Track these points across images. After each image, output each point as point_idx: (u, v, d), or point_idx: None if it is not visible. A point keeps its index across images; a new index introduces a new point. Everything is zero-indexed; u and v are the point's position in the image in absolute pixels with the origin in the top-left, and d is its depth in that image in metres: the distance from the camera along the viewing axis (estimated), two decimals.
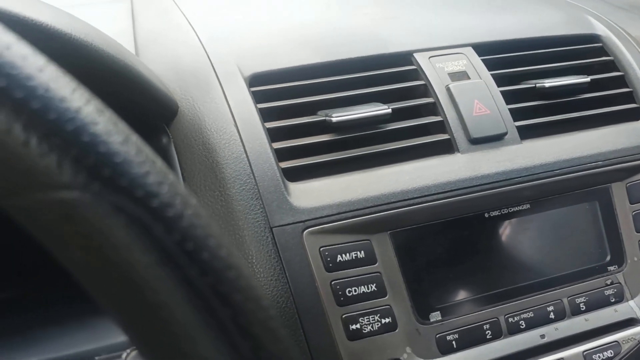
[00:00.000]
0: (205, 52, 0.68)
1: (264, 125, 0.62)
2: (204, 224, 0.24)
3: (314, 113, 0.66)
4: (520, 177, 0.66)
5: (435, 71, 0.70)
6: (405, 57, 0.72)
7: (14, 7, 0.47)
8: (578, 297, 0.67)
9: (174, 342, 0.23)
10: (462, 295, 0.62)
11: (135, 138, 0.24)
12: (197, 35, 0.72)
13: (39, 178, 0.22)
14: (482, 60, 0.73)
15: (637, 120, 0.76)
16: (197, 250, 0.23)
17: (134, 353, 0.44)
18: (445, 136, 0.67)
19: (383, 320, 0.59)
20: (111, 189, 0.22)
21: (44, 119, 0.22)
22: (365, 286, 0.59)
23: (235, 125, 0.62)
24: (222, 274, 0.24)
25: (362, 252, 0.59)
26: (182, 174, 0.63)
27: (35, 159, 0.22)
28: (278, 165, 0.61)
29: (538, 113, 0.72)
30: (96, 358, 0.47)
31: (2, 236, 0.67)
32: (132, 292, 0.23)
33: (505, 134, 0.68)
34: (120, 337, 0.56)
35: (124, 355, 0.43)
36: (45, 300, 0.64)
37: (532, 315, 0.64)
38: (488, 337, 0.62)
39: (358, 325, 0.58)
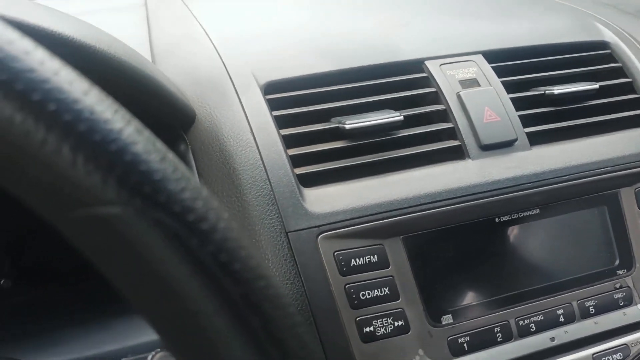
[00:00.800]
0: (222, 61, 0.70)
1: (279, 132, 0.64)
2: (236, 237, 0.26)
3: (327, 120, 0.67)
4: (530, 182, 0.67)
5: (446, 79, 0.72)
6: (417, 65, 0.73)
7: (43, 21, 0.49)
8: (587, 301, 0.68)
9: (208, 347, 0.25)
10: (473, 298, 0.64)
11: (171, 156, 0.26)
12: (213, 45, 0.73)
13: (85, 195, 0.24)
14: (492, 67, 0.74)
15: None
16: (230, 262, 0.25)
17: (159, 355, 0.45)
18: (456, 142, 0.68)
19: (396, 323, 0.60)
20: (151, 205, 0.24)
21: (90, 140, 0.24)
22: (379, 289, 0.60)
23: (252, 133, 0.63)
24: (253, 284, 0.25)
25: (376, 256, 0.61)
26: (200, 180, 0.64)
27: (82, 178, 0.24)
28: (293, 172, 0.62)
29: (547, 119, 0.73)
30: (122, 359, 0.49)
31: (26, 239, 0.69)
32: (169, 301, 0.25)
33: (515, 140, 0.69)
34: (144, 338, 0.58)
35: (149, 357, 0.45)
36: (69, 301, 0.66)
37: (542, 318, 0.66)
38: (499, 339, 0.64)
39: (371, 328, 0.59)
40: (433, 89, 0.71)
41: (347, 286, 0.59)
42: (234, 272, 0.25)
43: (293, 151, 0.64)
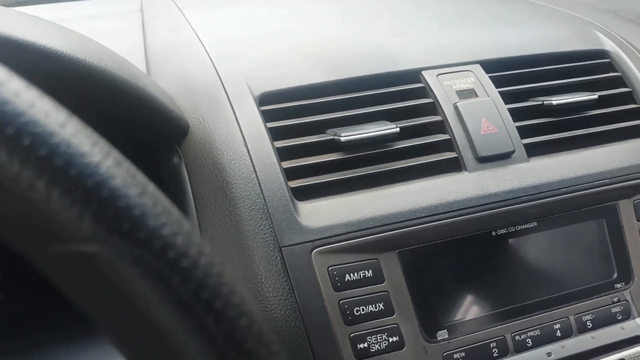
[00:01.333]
0: (216, 70, 0.69)
1: (273, 145, 0.63)
2: (218, 272, 0.25)
3: (322, 131, 0.66)
4: (527, 195, 0.67)
5: (443, 89, 0.71)
6: (414, 75, 0.72)
7: (30, 35, 0.48)
8: (585, 315, 0.67)
9: None
10: (469, 313, 0.63)
11: (152, 188, 0.25)
12: (207, 53, 0.73)
13: (60, 231, 0.23)
14: (490, 77, 0.73)
15: None
16: (211, 299, 0.24)
17: None
18: (452, 154, 0.67)
19: (390, 339, 0.59)
20: (130, 242, 0.23)
21: (66, 175, 0.23)
22: (373, 305, 0.59)
23: (245, 145, 0.63)
24: (236, 322, 0.24)
25: (370, 271, 0.60)
26: (193, 193, 0.64)
27: (57, 213, 0.23)
28: (287, 185, 0.62)
29: (545, 130, 0.72)
30: None
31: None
32: (151, 340, 0.24)
33: (513, 152, 0.68)
34: None
35: None
36: (60, 312, 0.65)
37: (539, 333, 0.65)
38: (495, 355, 0.63)
39: (366, 344, 0.59)
40: (430, 100, 0.70)
41: (341, 302, 0.59)
42: (216, 310, 0.24)
43: (287, 164, 0.63)
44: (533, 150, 0.70)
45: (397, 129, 0.65)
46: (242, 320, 0.24)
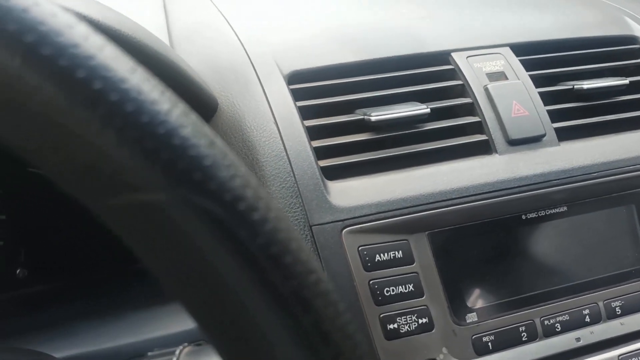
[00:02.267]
0: (244, 48, 0.69)
1: (303, 124, 0.63)
2: (286, 228, 0.24)
3: (351, 111, 0.66)
4: (558, 179, 0.66)
5: (473, 71, 0.70)
6: (443, 57, 0.71)
7: (67, 3, 0.47)
8: (614, 301, 0.66)
9: (257, 344, 0.23)
10: (498, 296, 0.62)
11: (219, 141, 0.25)
12: (234, 32, 0.72)
13: (131, 180, 0.22)
14: (520, 60, 0.72)
15: None
16: (281, 255, 0.23)
17: (187, 349, 0.44)
18: (483, 137, 0.67)
19: (420, 321, 0.59)
20: (200, 192, 0.23)
21: (137, 121, 0.22)
22: (403, 286, 0.59)
23: (275, 123, 0.62)
24: (304, 279, 0.24)
25: (400, 252, 0.59)
26: None
27: (128, 161, 0.22)
28: (317, 164, 0.61)
29: (576, 115, 0.71)
30: (149, 353, 0.48)
31: (42, 228, 0.67)
32: (217, 295, 0.23)
33: (544, 135, 0.68)
34: (163, 331, 0.56)
35: (177, 351, 0.44)
36: (85, 291, 0.65)
37: (568, 318, 0.64)
38: (524, 339, 0.62)
39: (395, 325, 0.58)
40: (460, 82, 0.69)
41: (371, 282, 0.58)
42: (285, 266, 0.23)
43: (317, 143, 0.62)
44: (564, 135, 0.69)
45: (428, 110, 0.65)
46: (310, 277, 0.24)
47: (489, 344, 0.61)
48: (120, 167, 0.22)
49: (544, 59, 0.74)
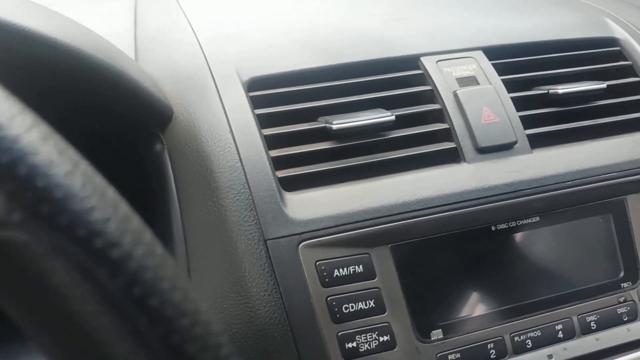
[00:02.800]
0: (204, 53, 0.66)
1: (260, 132, 0.60)
2: (156, 265, 0.22)
3: (314, 119, 0.63)
4: (530, 188, 0.63)
5: (443, 76, 0.67)
6: (412, 61, 0.69)
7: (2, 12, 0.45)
8: (589, 315, 0.63)
9: None
10: (465, 312, 0.60)
11: (84, 166, 0.22)
12: (196, 38, 0.69)
13: None
14: (493, 64, 0.70)
15: None
16: (145, 296, 0.21)
17: None
18: (451, 145, 0.64)
19: (381, 338, 0.56)
20: (50, 228, 0.20)
21: None
22: (363, 302, 0.56)
23: (231, 132, 0.59)
24: (174, 323, 0.21)
25: (361, 266, 0.56)
26: (176, 182, 0.61)
27: None
28: (274, 174, 0.58)
29: (550, 121, 0.68)
30: None
31: None
32: (74, 340, 0.21)
33: (515, 142, 0.65)
34: None
35: None
36: None
37: (540, 334, 0.61)
38: (492, 356, 0.59)
39: (354, 344, 0.55)
40: (428, 87, 0.67)
41: (329, 298, 0.55)
42: (149, 309, 0.21)
43: (275, 152, 0.60)
44: (537, 141, 0.66)
45: (393, 117, 0.62)
46: (181, 320, 0.21)
47: None
48: None
49: (519, 63, 0.71)
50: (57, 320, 0.21)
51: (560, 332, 0.62)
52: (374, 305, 0.56)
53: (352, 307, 0.56)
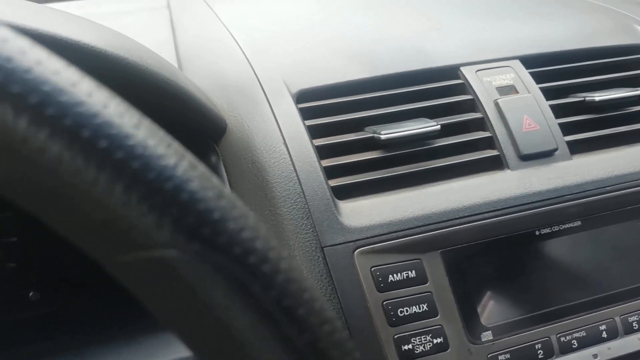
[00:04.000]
0: (251, 67, 0.68)
1: (312, 143, 0.62)
2: (299, 277, 0.24)
3: (360, 129, 0.65)
4: (571, 194, 0.65)
5: (483, 85, 0.69)
6: (452, 71, 0.71)
7: (70, 32, 0.47)
8: (631, 316, 0.65)
9: None
10: (513, 314, 0.62)
11: (227, 191, 0.24)
12: (241, 50, 0.72)
13: (138, 237, 0.22)
14: (530, 73, 0.72)
15: None
16: (294, 307, 0.23)
17: None
18: (494, 152, 0.66)
19: (435, 341, 0.58)
20: (210, 248, 0.22)
21: (144, 178, 0.22)
22: (417, 306, 0.58)
23: (285, 143, 0.62)
24: (319, 330, 0.23)
25: (413, 271, 0.59)
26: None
27: (136, 219, 0.22)
28: (327, 184, 0.61)
29: (588, 127, 0.71)
30: None
31: (54, 250, 0.67)
32: (230, 350, 0.23)
33: (556, 149, 0.67)
34: (174, 356, 0.56)
35: None
36: (98, 313, 0.65)
37: (585, 334, 0.63)
38: (540, 356, 0.61)
39: (410, 346, 0.57)
40: (470, 96, 0.69)
41: (384, 303, 0.57)
42: (298, 319, 0.23)
43: (327, 162, 0.62)
44: (576, 148, 0.68)
45: (438, 127, 0.64)
46: (324, 327, 0.23)
47: None
48: (130, 224, 0.22)
49: (554, 71, 0.73)
50: (213, 330, 0.23)
51: (604, 332, 0.64)
52: (427, 309, 0.58)
53: (407, 310, 0.58)
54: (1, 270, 0.68)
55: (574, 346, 0.63)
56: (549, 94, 0.71)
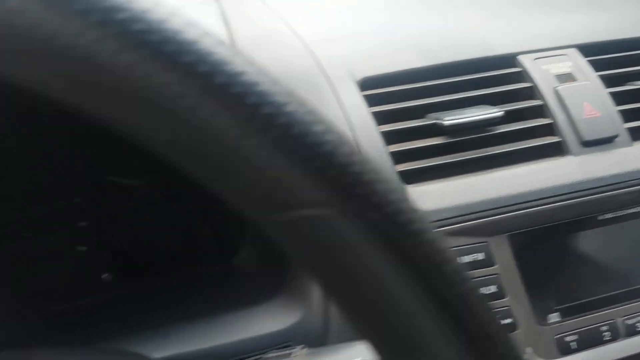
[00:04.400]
0: (314, 56, 0.70)
1: (378, 129, 0.64)
2: (438, 237, 0.25)
3: (422, 116, 0.67)
4: (633, 179, 0.66)
5: (542, 73, 0.70)
6: (510, 59, 0.72)
7: None
8: None
9: (424, 350, 0.25)
10: (579, 296, 0.63)
11: (367, 156, 0.26)
12: (302, 40, 0.73)
13: (300, 197, 0.24)
14: (588, 61, 0.72)
15: None
16: (442, 263, 0.24)
17: (304, 350, 0.45)
18: (556, 139, 0.67)
19: (504, 321, 0.59)
20: (366, 207, 0.24)
21: (305, 143, 0.23)
22: (486, 288, 0.59)
23: (351, 129, 0.63)
24: (464, 285, 0.25)
25: (483, 253, 0.60)
26: None
27: (296, 181, 0.23)
28: (395, 169, 0.62)
29: None
30: (269, 354, 0.49)
31: (127, 231, 0.70)
32: (386, 303, 0.24)
33: (617, 136, 0.68)
34: (255, 332, 0.58)
35: (294, 352, 0.45)
36: (171, 293, 0.67)
37: None
38: (606, 338, 0.62)
39: None
40: (529, 84, 0.70)
41: None
42: (447, 274, 0.24)
43: (393, 147, 0.63)
44: (636, 134, 0.69)
45: (502, 113, 0.65)
46: (468, 283, 0.25)
47: (572, 343, 0.61)
48: (293, 185, 0.23)
49: (611, 59, 0.74)
50: (371, 289, 0.24)
51: None
52: (496, 290, 0.60)
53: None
54: (73, 253, 0.70)
55: (638, 329, 0.64)
56: (607, 81, 0.71)
